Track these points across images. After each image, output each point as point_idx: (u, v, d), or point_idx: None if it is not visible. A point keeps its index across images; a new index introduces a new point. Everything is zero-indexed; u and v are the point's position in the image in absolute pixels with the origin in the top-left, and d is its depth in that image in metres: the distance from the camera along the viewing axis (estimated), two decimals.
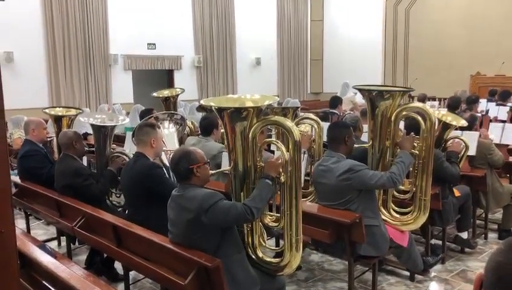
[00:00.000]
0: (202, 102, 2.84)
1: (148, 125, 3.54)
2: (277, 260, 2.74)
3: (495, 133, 5.16)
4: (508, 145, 5.14)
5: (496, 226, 4.87)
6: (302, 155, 2.72)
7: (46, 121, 4.97)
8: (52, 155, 4.91)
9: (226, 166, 3.65)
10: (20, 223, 4.90)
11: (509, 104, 8.00)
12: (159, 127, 3.63)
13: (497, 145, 4.69)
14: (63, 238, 4.60)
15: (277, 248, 2.97)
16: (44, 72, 10.26)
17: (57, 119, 4.69)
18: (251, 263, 2.71)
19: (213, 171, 2.83)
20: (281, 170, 2.64)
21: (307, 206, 3.40)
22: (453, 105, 6.33)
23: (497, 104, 7.92)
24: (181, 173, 2.64)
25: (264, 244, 2.81)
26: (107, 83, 11.15)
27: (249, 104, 2.63)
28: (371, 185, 3.17)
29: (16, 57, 9.70)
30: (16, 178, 4.54)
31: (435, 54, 12.72)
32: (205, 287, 2.54)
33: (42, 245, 3.07)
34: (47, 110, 4.86)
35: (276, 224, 2.76)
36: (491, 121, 6.54)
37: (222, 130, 4.29)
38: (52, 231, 5.16)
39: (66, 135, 4.01)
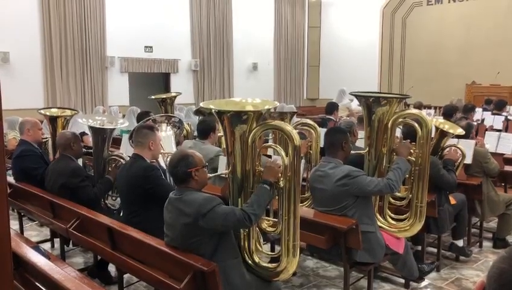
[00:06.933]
0: (202, 105, 2.82)
1: (147, 127, 3.51)
2: (274, 265, 2.72)
3: (491, 142, 5.18)
4: (503, 154, 5.16)
5: (490, 235, 4.88)
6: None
7: (41, 122, 4.94)
8: (47, 156, 4.87)
9: (222, 170, 3.64)
10: (13, 224, 4.82)
11: (504, 113, 8.04)
12: (157, 130, 3.60)
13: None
14: (57, 240, 4.56)
15: (273, 253, 2.96)
16: (41, 73, 10.23)
17: (53, 120, 4.67)
18: (247, 268, 2.69)
19: (211, 175, 2.81)
20: (280, 175, 2.63)
21: (303, 211, 3.38)
22: (448, 113, 6.33)
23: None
24: (179, 176, 2.62)
25: (260, 249, 2.79)
26: (103, 85, 11.13)
27: (249, 108, 2.62)
28: (368, 191, 3.17)
29: (12, 58, 9.66)
30: (10, 178, 4.50)
31: (430, 62, 12.79)
32: None
33: (36, 246, 3.04)
34: (42, 111, 4.85)
35: (273, 229, 2.74)
36: (486, 130, 6.57)
37: (219, 134, 4.29)
38: (45, 232, 5.11)
39: (64, 136, 3.99)
